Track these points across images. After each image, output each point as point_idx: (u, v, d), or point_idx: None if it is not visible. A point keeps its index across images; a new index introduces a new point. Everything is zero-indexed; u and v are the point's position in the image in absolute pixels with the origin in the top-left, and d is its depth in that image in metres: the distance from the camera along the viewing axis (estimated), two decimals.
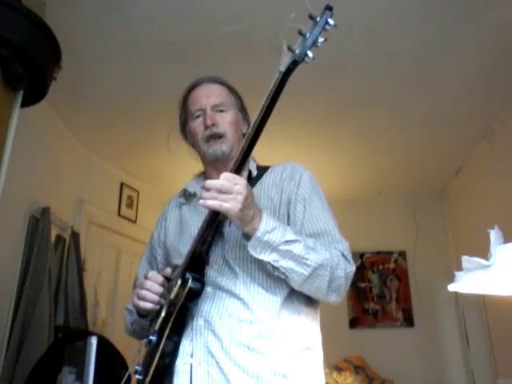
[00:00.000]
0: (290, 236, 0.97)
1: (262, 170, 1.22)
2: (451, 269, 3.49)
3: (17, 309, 2.29)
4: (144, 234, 1.84)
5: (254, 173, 1.21)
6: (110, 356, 1.93)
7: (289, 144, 3.24)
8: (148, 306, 1.05)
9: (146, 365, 1.01)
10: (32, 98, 1.77)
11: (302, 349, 1.03)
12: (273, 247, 0.95)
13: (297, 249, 0.96)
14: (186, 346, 1.03)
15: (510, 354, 2.86)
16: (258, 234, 0.94)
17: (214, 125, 1.16)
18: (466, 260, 1.03)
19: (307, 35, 0.91)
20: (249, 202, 0.93)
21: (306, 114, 2.88)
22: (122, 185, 3.73)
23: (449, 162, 3.56)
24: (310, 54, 0.90)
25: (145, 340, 1.04)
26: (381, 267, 4.15)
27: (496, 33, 2.18)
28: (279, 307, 1.03)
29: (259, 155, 1.23)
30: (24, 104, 1.71)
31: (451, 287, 1.11)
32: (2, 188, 1.58)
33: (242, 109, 1.27)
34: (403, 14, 2.08)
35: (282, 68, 0.93)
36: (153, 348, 1.01)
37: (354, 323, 4.02)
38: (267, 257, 0.96)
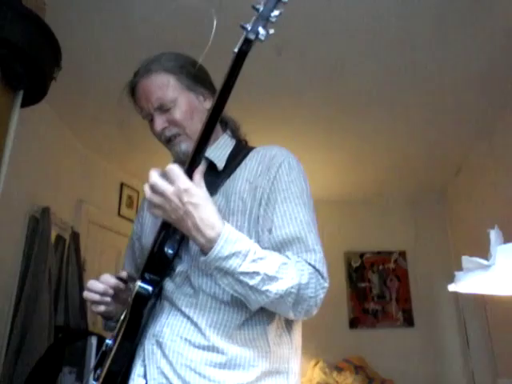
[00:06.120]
0: (247, 266, 0.84)
1: (242, 155, 1.07)
2: (451, 269, 3.48)
3: (17, 309, 2.28)
4: None
5: (221, 166, 1.05)
6: None
7: (288, 144, 3.22)
8: (100, 309, 1.01)
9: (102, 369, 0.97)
10: (32, 98, 1.77)
11: (266, 373, 0.92)
12: (227, 273, 0.85)
13: (254, 281, 0.84)
14: (137, 366, 0.95)
15: (510, 354, 2.86)
16: (209, 258, 0.83)
17: (165, 128, 1.05)
18: (466, 260, 1.04)
19: (260, 10, 0.81)
20: (182, 214, 0.83)
21: (305, 114, 2.87)
22: (121, 185, 3.72)
23: (449, 162, 3.56)
24: (261, 30, 0.81)
25: (105, 342, 1.02)
26: (381, 267, 4.15)
27: (497, 33, 2.18)
28: (240, 330, 0.92)
29: None
30: (24, 104, 1.71)
31: (451, 287, 1.12)
32: (2, 188, 1.58)
33: (195, 82, 1.10)
34: (404, 14, 2.08)
35: (236, 49, 0.83)
36: (108, 353, 0.98)
37: (353, 323, 4.02)
38: (219, 279, 0.86)
